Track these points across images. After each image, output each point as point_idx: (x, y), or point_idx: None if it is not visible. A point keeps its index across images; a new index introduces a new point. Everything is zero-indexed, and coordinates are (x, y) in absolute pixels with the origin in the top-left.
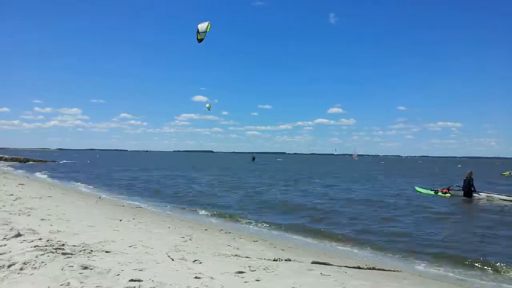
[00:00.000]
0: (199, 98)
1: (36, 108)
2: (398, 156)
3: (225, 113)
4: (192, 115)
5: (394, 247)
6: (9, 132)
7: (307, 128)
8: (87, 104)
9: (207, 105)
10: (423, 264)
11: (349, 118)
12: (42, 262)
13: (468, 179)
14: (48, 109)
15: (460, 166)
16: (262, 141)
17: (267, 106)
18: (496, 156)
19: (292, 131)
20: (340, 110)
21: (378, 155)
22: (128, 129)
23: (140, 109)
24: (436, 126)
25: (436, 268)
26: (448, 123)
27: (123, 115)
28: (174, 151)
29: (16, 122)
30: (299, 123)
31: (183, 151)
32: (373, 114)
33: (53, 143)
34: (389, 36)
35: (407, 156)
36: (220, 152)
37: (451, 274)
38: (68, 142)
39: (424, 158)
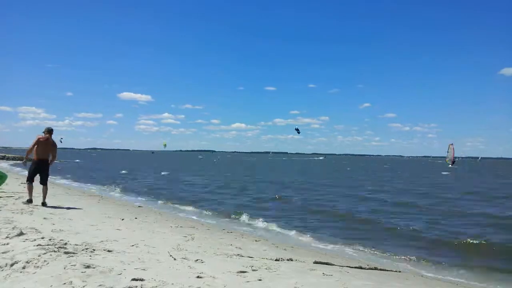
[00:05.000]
0: (128, 95)
1: None
2: (400, 156)
3: (168, 114)
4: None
5: (397, 246)
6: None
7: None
8: (42, 103)
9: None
10: (425, 264)
11: (309, 117)
12: (44, 261)
13: None
14: (5, 108)
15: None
16: (251, 141)
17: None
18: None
19: (268, 130)
20: (297, 111)
21: (380, 155)
22: (91, 127)
23: (91, 106)
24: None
25: (438, 268)
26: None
27: (82, 114)
28: (176, 151)
29: None
30: (262, 122)
31: (185, 151)
32: (337, 114)
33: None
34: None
35: (409, 156)
36: (221, 151)
37: (453, 275)
38: (67, 141)
39: (426, 158)
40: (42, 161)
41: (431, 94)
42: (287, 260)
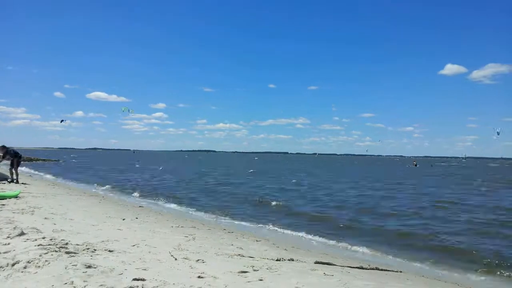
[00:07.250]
0: (96, 94)
1: None
2: (401, 156)
3: (145, 115)
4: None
5: (398, 247)
6: None
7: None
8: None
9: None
10: (425, 264)
11: (287, 117)
12: (45, 261)
13: None
14: None
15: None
16: (247, 142)
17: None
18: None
19: (253, 130)
20: (275, 111)
21: (381, 155)
22: (79, 127)
23: (65, 106)
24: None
25: (438, 268)
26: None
27: (68, 114)
28: (177, 151)
29: None
30: (242, 122)
31: (186, 151)
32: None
33: (54, 142)
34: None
35: (411, 156)
36: (222, 151)
37: (454, 274)
38: (66, 141)
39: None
40: None
41: (406, 94)
42: (288, 260)
